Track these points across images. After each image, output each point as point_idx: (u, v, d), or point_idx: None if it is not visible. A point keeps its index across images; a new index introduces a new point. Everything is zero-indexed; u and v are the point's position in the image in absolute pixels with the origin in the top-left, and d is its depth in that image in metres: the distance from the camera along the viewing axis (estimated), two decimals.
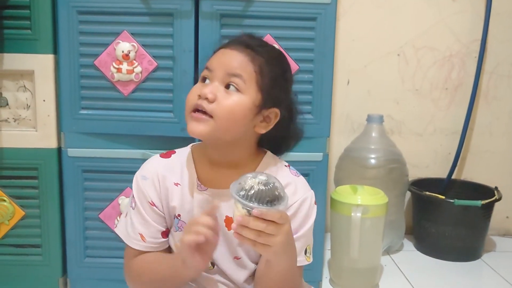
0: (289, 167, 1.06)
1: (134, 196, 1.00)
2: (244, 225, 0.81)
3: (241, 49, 0.94)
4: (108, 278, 1.48)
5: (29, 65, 1.39)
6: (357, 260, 1.53)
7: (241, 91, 0.93)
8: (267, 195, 0.81)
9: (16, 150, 1.43)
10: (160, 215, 1.00)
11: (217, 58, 0.95)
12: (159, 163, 1.03)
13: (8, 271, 1.48)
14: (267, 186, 0.81)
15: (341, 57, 1.95)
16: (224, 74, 0.93)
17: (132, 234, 1.00)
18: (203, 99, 0.92)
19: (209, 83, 0.94)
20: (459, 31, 1.98)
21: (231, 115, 0.93)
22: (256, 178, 0.82)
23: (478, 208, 1.76)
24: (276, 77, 0.98)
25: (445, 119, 2.04)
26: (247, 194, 0.80)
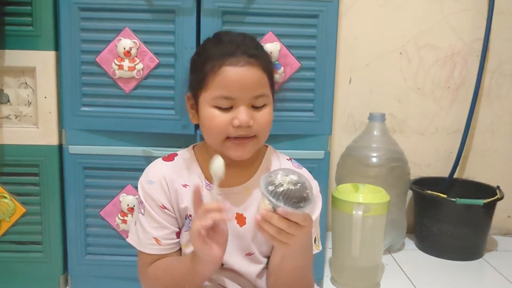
0: (291, 160, 1.09)
1: (143, 201, 1.01)
2: (267, 220, 0.82)
3: (248, 61, 0.94)
4: (109, 275, 1.48)
5: (30, 62, 1.39)
6: (359, 258, 1.52)
7: (267, 103, 0.98)
8: (295, 196, 0.81)
9: (17, 147, 1.42)
10: (172, 217, 1.01)
11: (233, 83, 0.93)
12: (164, 166, 1.04)
13: (8, 268, 1.48)
14: (296, 186, 0.82)
15: (343, 56, 1.95)
16: (250, 98, 0.94)
17: (145, 240, 1.00)
18: (245, 128, 0.94)
19: (238, 109, 0.94)
20: (461, 30, 1.97)
21: (269, 126, 0.99)
22: (288, 177, 0.83)
23: (480, 207, 1.75)
24: (272, 68, 1.03)
25: (447, 118, 2.04)
26: (275, 191, 0.81)
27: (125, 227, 1.45)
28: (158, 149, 1.40)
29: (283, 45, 1.38)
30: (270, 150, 1.09)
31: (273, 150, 1.09)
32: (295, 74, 1.41)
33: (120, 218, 1.45)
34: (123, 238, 1.46)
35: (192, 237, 0.87)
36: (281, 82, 1.40)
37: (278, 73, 1.39)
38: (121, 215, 1.44)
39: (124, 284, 1.49)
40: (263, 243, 1.04)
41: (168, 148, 1.39)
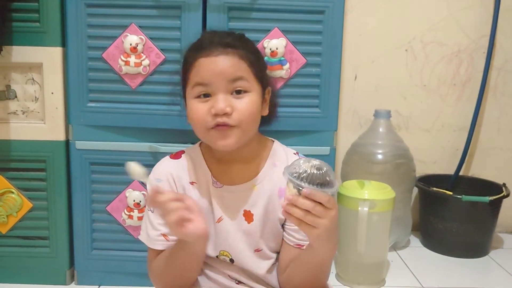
0: (298, 154, 1.08)
1: None
2: (293, 204, 0.83)
3: (224, 51, 0.95)
4: (115, 270, 1.49)
5: (37, 58, 1.40)
6: (364, 255, 1.52)
7: (248, 90, 0.96)
8: (318, 179, 0.83)
9: (24, 143, 1.43)
10: None
11: (207, 70, 0.94)
12: (171, 164, 1.05)
13: (15, 263, 1.49)
14: (320, 170, 0.83)
15: (349, 52, 1.95)
16: (226, 83, 0.94)
17: (154, 236, 1.01)
18: (222, 116, 0.92)
19: (216, 97, 0.94)
20: (467, 27, 1.97)
21: (252, 116, 0.96)
22: (310, 163, 0.84)
23: (486, 204, 1.75)
24: (258, 59, 1.01)
25: (453, 115, 2.03)
26: (299, 176, 0.83)
27: (131, 222, 1.45)
28: (164, 145, 1.41)
29: (289, 41, 1.38)
30: (276, 145, 1.08)
31: (280, 145, 1.09)
32: (301, 70, 1.41)
33: (126, 214, 1.45)
34: (129, 233, 1.47)
35: (171, 231, 0.89)
36: (287, 78, 1.40)
37: (284, 69, 1.39)
38: (127, 210, 1.45)
39: (130, 279, 1.50)
40: (271, 239, 1.04)
41: (175, 144, 1.41)
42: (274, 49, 1.37)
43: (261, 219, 1.03)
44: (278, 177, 1.02)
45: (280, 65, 1.39)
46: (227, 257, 1.04)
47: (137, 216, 1.44)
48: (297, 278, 1.00)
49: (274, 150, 1.06)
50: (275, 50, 1.37)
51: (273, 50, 1.37)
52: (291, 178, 0.83)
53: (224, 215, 1.02)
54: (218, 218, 1.02)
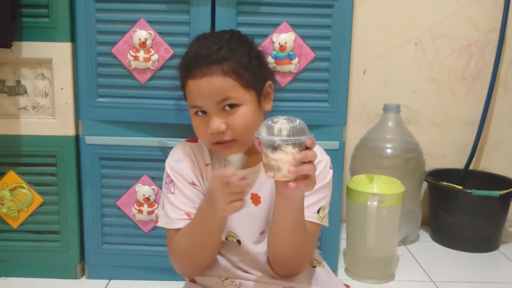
0: None
1: (173, 180, 1.05)
2: (301, 161, 0.84)
3: (207, 71, 0.97)
4: (125, 265, 1.50)
5: (47, 53, 1.40)
6: (373, 249, 1.52)
7: (240, 103, 1.00)
8: (299, 128, 0.86)
9: (34, 138, 1.44)
10: (200, 193, 1.06)
11: (196, 95, 0.99)
12: (188, 146, 1.10)
13: (26, 257, 1.50)
14: (294, 122, 0.87)
15: (358, 46, 1.94)
16: (215, 104, 0.98)
17: (175, 216, 1.03)
18: (218, 134, 0.99)
19: (209, 117, 0.99)
20: (477, 20, 1.95)
21: (248, 127, 1.00)
22: (280, 119, 0.87)
23: (496, 198, 1.74)
24: (249, 61, 1.02)
25: (463, 109, 2.02)
26: (287, 135, 0.85)
27: (141, 217, 1.46)
28: (173, 140, 1.41)
29: (297, 35, 1.38)
30: None
31: None
32: (310, 64, 1.40)
33: (136, 208, 1.46)
34: (139, 227, 1.48)
35: (223, 207, 0.89)
36: (295, 73, 1.40)
37: (293, 64, 1.38)
38: (137, 205, 1.46)
39: (140, 273, 1.51)
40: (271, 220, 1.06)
41: (184, 139, 1.40)
42: (283, 44, 1.37)
43: (267, 202, 1.06)
44: None
45: (289, 60, 1.38)
46: (234, 238, 1.07)
47: (146, 211, 1.45)
48: (279, 243, 1.02)
49: None
50: (284, 45, 1.37)
51: (282, 45, 1.37)
52: (287, 139, 0.85)
53: None
54: None
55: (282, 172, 0.86)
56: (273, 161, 0.86)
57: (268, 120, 0.88)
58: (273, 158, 0.86)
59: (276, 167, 0.86)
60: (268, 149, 0.86)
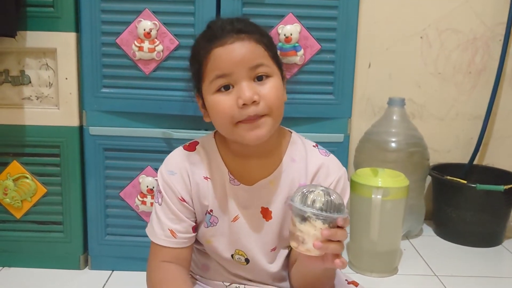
0: (318, 147, 1.03)
1: (162, 191, 0.98)
2: (328, 239, 0.80)
3: (238, 37, 0.89)
4: (128, 256, 1.50)
5: (51, 43, 1.40)
6: (377, 243, 1.52)
7: (270, 74, 0.91)
8: (334, 203, 0.82)
9: (38, 128, 1.44)
10: (190, 211, 0.99)
11: (226, 60, 0.89)
12: (185, 156, 1.00)
13: (30, 248, 1.50)
14: (330, 195, 0.83)
15: (363, 40, 1.93)
16: (247, 71, 0.88)
17: (159, 231, 0.97)
18: (250, 105, 0.87)
19: (239, 86, 0.88)
20: (483, 14, 1.94)
21: (279, 101, 0.92)
22: (317, 190, 0.83)
23: (500, 193, 1.73)
24: (272, 43, 0.96)
25: (468, 104, 2.01)
26: (320, 208, 0.81)
27: (145, 208, 1.46)
28: (178, 131, 1.41)
29: (303, 26, 1.37)
30: (294, 136, 1.03)
31: (298, 137, 1.04)
32: (315, 56, 1.40)
33: (139, 199, 1.46)
34: (143, 219, 1.48)
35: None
36: (301, 65, 1.39)
37: (298, 55, 1.38)
38: (141, 196, 1.45)
39: (143, 264, 1.48)
40: (286, 238, 1.01)
41: (188, 130, 1.41)
42: (288, 35, 1.36)
43: (280, 217, 0.99)
44: (296, 172, 0.99)
45: (295, 51, 1.38)
46: (242, 257, 1.02)
47: (150, 202, 1.45)
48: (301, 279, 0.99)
49: (292, 143, 1.01)
50: (290, 36, 1.36)
51: (287, 36, 1.36)
52: (318, 213, 0.80)
53: (240, 214, 0.99)
54: (234, 217, 0.99)
55: (306, 246, 0.82)
56: (299, 232, 0.82)
57: (304, 187, 0.85)
58: (299, 228, 0.82)
59: (301, 239, 0.82)
60: (297, 218, 0.83)
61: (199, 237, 1.03)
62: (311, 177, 0.99)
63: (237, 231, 1.00)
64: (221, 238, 1.01)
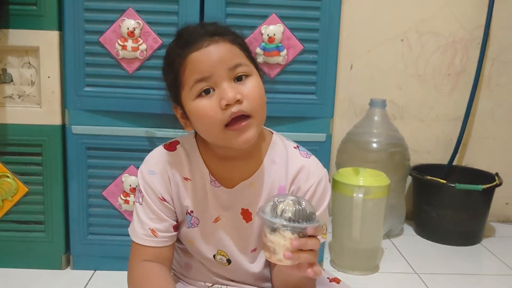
0: (299, 148, 1.03)
1: (142, 191, 0.98)
2: (299, 248, 0.81)
3: (212, 40, 0.89)
4: (111, 255, 1.49)
5: (34, 42, 1.39)
6: (358, 241, 1.54)
7: (250, 74, 0.91)
8: (304, 212, 0.82)
9: (20, 127, 1.43)
10: (171, 210, 0.99)
11: (204, 63, 0.88)
12: (165, 156, 0.99)
13: (11, 248, 1.49)
14: (300, 205, 0.82)
15: (345, 42, 1.95)
16: (226, 71, 0.88)
17: (140, 230, 0.97)
18: (233, 105, 0.86)
19: (220, 88, 0.87)
20: (462, 17, 1.98)
21: (262, 100, 0.92)
22: (286, 200, 0.83)
23: (478, 192, 1.77)
24: (246, 43, 0.96)
25: (448, 105, 2.05)
26: (289, 218, 0.81)
27: (127, 207, 1.46)
28: (161, 130, 1.41)
29: (286, 27, 1.39)
30: (275, 138, 1.02)
31: (279, 138, 1.03)
32: (298, 56, 1.41)
33: (122, 199, 1.46)
34: (125, 218, 1.48)
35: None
36: (284, 65, 1.41)
37: (281, 55, 1.39)
38: (124, 195, 1.45)
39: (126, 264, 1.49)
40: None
41: (171, 130, 1.41)
42: (271, 35, 1.38)
43: (260, 219, 0.97)
44: (277, 174, 0.99)
45: (278, 51, 1.39)
46: (224, 257, 1.02)
47: (133, 201, 1.45)
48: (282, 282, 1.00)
49: (273, 144, 1.01)
50: (273, 36, 1.38)
51: (270, 36, 1.38)
52: (287, 224, 0.81)
53: (221, 215, 1.00)
54: (215, 218, 1.00)
55: (277, 256, 0.82)
56: (270, 242, 0.83)
57: (276, 197, 0.85)
58: (270, 239, 0.82)
59: (272, 249, 0.83)
60: (268, 229, 0.83)
61: (181, 237, 1.04)
62: (291, 179, 0.99)
63: (218, 232, 1.00)
64: (202, 239, 1.01)
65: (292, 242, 0.80)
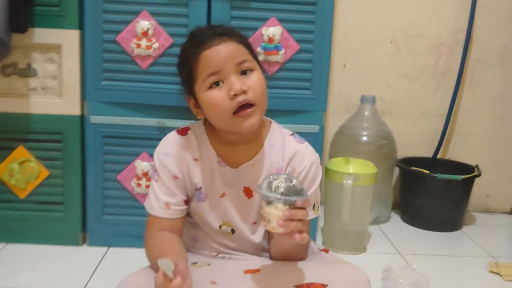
0: (294, 135, 1.19)
1: (158, 170, 1.13)
2: (290, 218, 0.94)
3: (222, 40, 1.05)
4: (123, 234, 1.64)
5: (56, 39, 1.54)
6: (347, 224, 1.69)
7: (254, 69, 1.08)
8: (295, 188, 0.97)
9: (43, 116, 1.57)
10: (182, 186, 1.14)
11: (215, 59, 1.03)
12: (178, 140, 1.15)
13: (33, 225, 1.63)
14: (291, 182, 0.97)
15: (339, 43, 2.11)
16: (234, 67, 1.04)
17: (156, 204, 1.12)
18: (240, 95, 1.02)
19: (229, 81, 1.03)
20: (447, 21, 2.13)
21: (264, 91, 1.08)
22: (280, 178, 0.97)
23: (459, 182, 1.93)
24: (250, 43, 1.12)
25: (433, 103, 2.20)
26: (282, 193, 0.96)
27: (140, 190, 1.61)
28: (171, 120, 1.56)
29: (284, 29, 1.54)
30: (273, 126, 1.19)
31: (277, 126, 1.20)
32: (295, 55, 1.57)
33: (135, 182, 1.60)
34: (137, 200, 1.63)
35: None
36: (282, 63, 1.56)
37: (280, 54, 1.55)
38: (136, 179, 1.60)
39: (137, 241, 1.64)
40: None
41: (180, 120, 1.56)
42: (271, 36, 1.53)
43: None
44: (275, 157, 1.15)
45: (276, 51, 1.55)
46: (228, 227, 1.17)
47: (145, 185, 1.59)
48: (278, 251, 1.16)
49: (272, 131, 1.17)
50: (272, 37, 1.53)
51: (270, 37, 1.53)
52: (279, 197, 0.95)
53: (226, 191, 1.15)
54: (222, 193, 1.15)
55: (271, 224, 0.96)
56: (265, 213, 0.97)
57: (271, 175, 0.99)
58: (266, 210, 0.97)
59: (267, 219, 0.97)
60: (264, 202, 0.97)
61: (191, 211, 1.18)
62: (287, 162, 1.15)
63: (224, 205, 1.16)
64: (210, 212, 1.17)
65: (284, 213, 0.95)
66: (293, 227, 0.95)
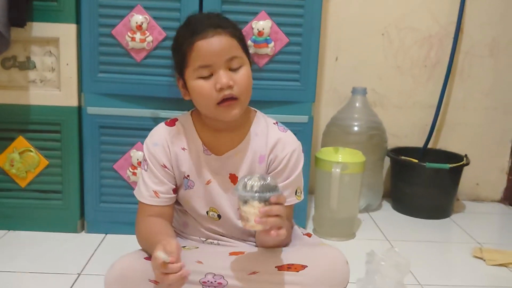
0: (277, 124, 1.24)
1: (147, 160, 1.18)
2: (267, 214, 0.98)
3: (216, 32, 1.09)
4: (120, 221, 1.70)
5: (54, 33, 1.59)
6: (336, 211, 1.75)
7: (242, 64, 1.13)
8: (271, 184, 1.01)
9: (41, 107, 1.63)
10: (171, 175, 1.19)
11: (207, 52, 1.07)
12: (166, 131, 1.20)
13: (33, 213, 1.70)
14: (265, 180, 1.01)
15: (331, 35, 2.15)
16: (224, 61, 1.09)
17: (145, 192, 1.17)
18: (226, 89, 1.08)
19: (217, 74, 1.08)
20: (438, 14, 2.18)
21: (249, 87, 1.13)
22: (253, 177, 1.01)
23: (447, 171, 1.98)
24: (242, 35, 1.17)
25: (423, 94, 2.25)
26: (256, 191, 1.00)
27: (135, 178, 1.67)
28: (164, 111, 1.62)
29: (274, 22, 1.59)
30: (258, 115, 1.24)
31: (262, 116, 1.24)
32: (284, 48, 1.62)
33: (130, 171, 1.66)
34: (133, 188, 1.67)
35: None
36: (271, 55, 1.62)
37: (269, 47, 1.60)
38: (132, 168, 1.66)
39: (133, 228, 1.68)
40: None
41: (173, 111, 1.61)
42: (261, 30, 1.58)
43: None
44: (258, 145, 1.20)
45: (266, 44, 1.60)
46: (215, 213, 1.22)
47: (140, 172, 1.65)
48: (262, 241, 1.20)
49: (256, 120, 1.22)
50: (262, 31, 1.58)
51: (260, 30, 1.58)
52: (254, 195, 0.98)
53: (212, 178, 1.20)
54: (208, 180, 1.20)
55: (250, 223, 1.00)
56: (243, 212, 1.00)
57: (245, 176, 1.02)
58: (243, 210, 1.00)
59: (246, 218, 1.00)
60: (241, 202, 1.00)
61: (179, 198, 1.24)
62: (270, 149, 1.20)
63: (211, 192, 1.21)
64: (197, 198, 1.22)
65: (260, 209, 0.99)
66: (271, 223, 0.99)
